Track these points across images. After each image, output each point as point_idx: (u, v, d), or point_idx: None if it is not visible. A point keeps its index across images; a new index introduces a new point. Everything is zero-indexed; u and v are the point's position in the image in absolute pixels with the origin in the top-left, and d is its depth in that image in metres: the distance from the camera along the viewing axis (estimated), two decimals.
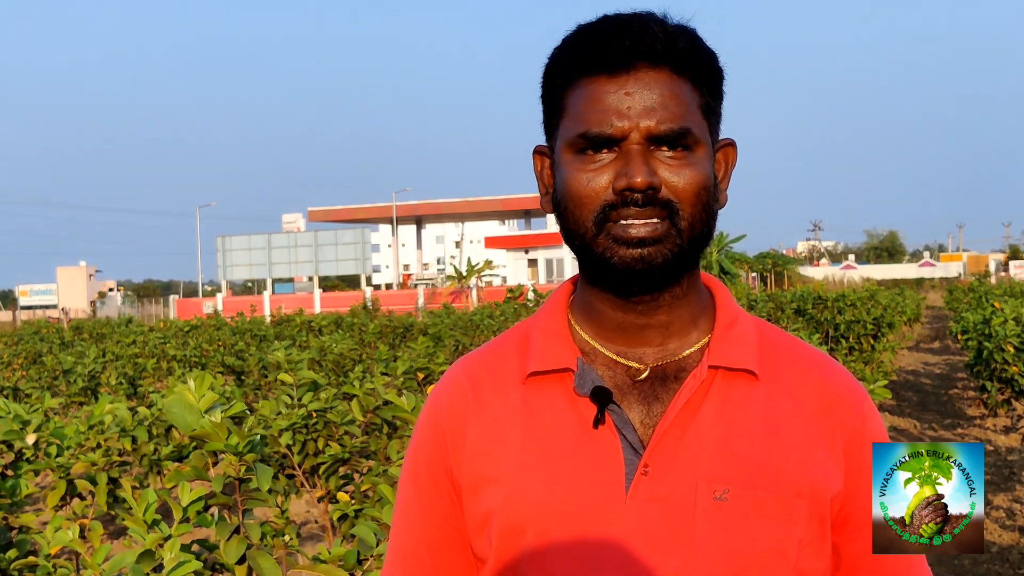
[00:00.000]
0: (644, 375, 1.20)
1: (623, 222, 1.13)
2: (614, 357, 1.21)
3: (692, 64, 1.16)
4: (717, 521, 1.13)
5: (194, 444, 2.87)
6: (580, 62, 1.16)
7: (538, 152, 1.26)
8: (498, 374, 1.26)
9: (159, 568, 2.51)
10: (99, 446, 4.58)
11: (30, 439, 3.93)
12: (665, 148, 1.14)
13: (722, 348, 1.20)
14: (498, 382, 1.25)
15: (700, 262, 1.23)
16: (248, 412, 4.99)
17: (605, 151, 1.14)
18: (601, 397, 1.17)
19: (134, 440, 4.45)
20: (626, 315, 1.20)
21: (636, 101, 1.13)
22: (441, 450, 1.25)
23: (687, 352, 1.21)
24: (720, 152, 1.22)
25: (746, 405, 1.18)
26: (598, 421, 1.16)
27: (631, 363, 1.21)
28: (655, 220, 1.13)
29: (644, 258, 1.13)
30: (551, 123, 1.21)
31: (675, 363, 1.21)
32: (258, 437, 2.74)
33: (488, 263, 45.19)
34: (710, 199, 1.16)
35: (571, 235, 1.18)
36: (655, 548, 1.12)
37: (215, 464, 3.00)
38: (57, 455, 4.01)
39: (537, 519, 1.16)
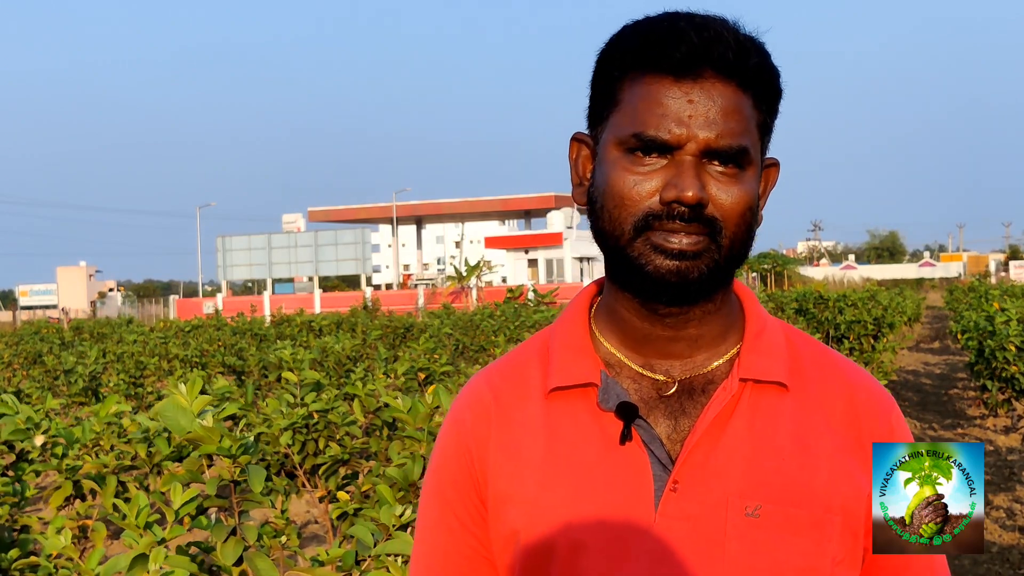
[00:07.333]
0: (672, 390, 1.16)
1: (664, 232, 1.09)
2: (639, 370, 1.17)
3: (759, 80, 1.12)
4: (749, 538, 1.10)
5: (191, 447, 2.87)
6: (644, 56, 1.10)
7: (577, 139, 1.20)
8: (520, 387, 1.22)
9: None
10: (113, 448, 4.55)
11: (38, 440, 3.90)
12: (717, 163, 1.10)
13: (752, 360, 1.16)
14: (520, 396, 1.21)
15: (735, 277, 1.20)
16: (253, 407, 4.97)
17: (655, 155, 1.10)
18: (627, 413, 1.13)
19: (150, 445, 4.43)
20: (653, 327, 1.16)
21: (698, 111, 1.08)
22: (467, 465, 1.21)
23: (715, 364, 1.18)
24: (764, 171, 1.18)
25: (776, 418, 1.15)
26: (625, 437, 1.13)
27: (658, 376, 1.17)
28: (697, 236, 1.09)
29: (680, 271, 1.10)
30: (599, 113, 1.16)
31: (703, 376, 1.17)
32: (251, 439, 2.73)
33: (487, 263, 45.04)
34: (752, 220, 1.13)
35: (604, 235, 1.14)
36: (686, 566, 1.10)
37: (211, 466, 2.99)
38: (63, 456, 3.99)
39: (564, 538, 1.12)
